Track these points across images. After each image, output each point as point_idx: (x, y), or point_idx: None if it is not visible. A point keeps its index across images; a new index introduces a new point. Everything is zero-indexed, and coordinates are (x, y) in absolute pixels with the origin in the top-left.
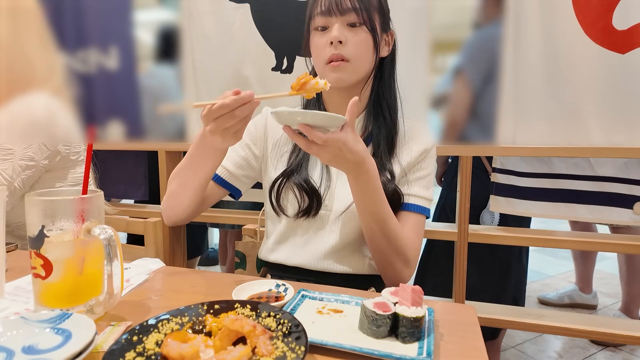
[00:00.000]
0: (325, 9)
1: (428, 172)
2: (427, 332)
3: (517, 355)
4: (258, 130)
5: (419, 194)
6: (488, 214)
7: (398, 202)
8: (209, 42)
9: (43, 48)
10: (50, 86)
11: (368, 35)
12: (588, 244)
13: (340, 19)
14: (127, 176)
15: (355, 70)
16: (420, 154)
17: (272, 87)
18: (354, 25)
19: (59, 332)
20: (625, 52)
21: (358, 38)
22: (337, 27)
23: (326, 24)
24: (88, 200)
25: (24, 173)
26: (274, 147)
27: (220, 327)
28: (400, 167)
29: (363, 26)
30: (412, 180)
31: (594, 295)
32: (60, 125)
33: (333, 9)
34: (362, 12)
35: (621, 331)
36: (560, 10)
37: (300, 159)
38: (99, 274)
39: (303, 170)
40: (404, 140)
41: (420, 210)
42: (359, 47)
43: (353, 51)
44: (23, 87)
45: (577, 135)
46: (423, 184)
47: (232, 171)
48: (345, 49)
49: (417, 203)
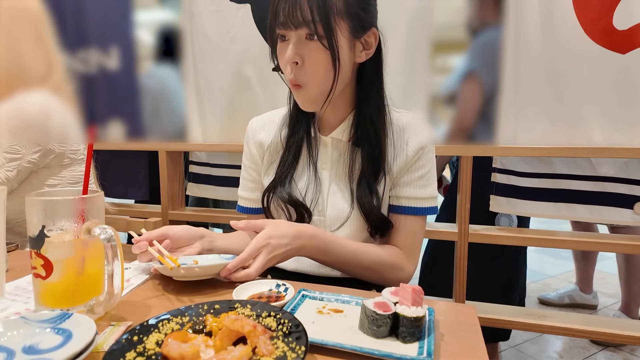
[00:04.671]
0: (281, 21)
1: (425, 171)
2: (427, 332)
3: (517, 355)
4: (251, 148)
5: (413, 195)
6: (505, 217)
7: (386, 226)
8: (210, 42)
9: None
10: (50, 84)
11: (326, 52)
12: (588, 244)
13: (296, 32)
14: (128, 176)
15: (314, 93)
16: (415, 154)
17: (272, 87)
18: (311, 38)
19: (59, 332)
20: (626, 52)
21: (314, 57)
22: (293, 43)
23: (284, 34)
24: (88, 200)
25: (7, 165)
26: (267, 155)
27: (221, 327)
28: (390, 177)
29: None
30: (406, 182)
31: (594, 296)
32: (55, 124)
33: (287, 21)
34: (316, 25)
35: (621, 331)
36: (561, 10)
37: (284, 171)
38: (99, 274)
39: (287, 182)
40: (397, 139)
41: (415, 212)
42: (314, 67)
43: (308, 74)
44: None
45: (578, 135)
46: (420, 184)
47: (252, 198)
48: (301, 72)
49: (411, 205)
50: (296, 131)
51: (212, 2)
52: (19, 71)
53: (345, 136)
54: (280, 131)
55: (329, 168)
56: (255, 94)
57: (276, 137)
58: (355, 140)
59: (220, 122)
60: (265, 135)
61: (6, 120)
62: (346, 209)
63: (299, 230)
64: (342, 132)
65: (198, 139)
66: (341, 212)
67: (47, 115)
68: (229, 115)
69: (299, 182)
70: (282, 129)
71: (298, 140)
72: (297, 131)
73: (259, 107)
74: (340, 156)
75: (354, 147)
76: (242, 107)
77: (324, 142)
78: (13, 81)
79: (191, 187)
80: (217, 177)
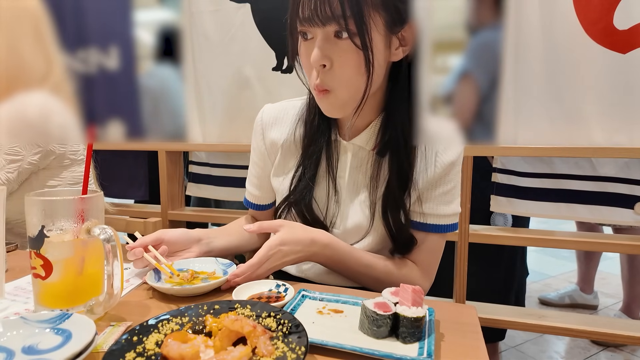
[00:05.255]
0: (305, 16)
1: (452, 186)
2: (427, 332)
3: (517, 356)
4: (259, 145)
5: (436, 211)
6: (500, 216)
7: (411, 245)
8: (210, 42)
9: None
10: (50, 83)
11: (358, 52)
12: (588, 244)
13: (323, 30)
14: (128, 176)
15: (343, 98)
16: (444, 168)
17: (272, 86)
18: (340, 36)
19: (59, 333)
20: (627, 52)
21: (344, 58)
22: (319, 43)
23: (309, 32)
24: (88, 200)
25: (8, 167)
26: (280, 155)
27: (221, 327)
28: (416, 191)
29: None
30: (429, 198)
31: (594, 296)
32: (55, 125)
33: (313, 16)
34: (348, 21)
35: (622, 331)
36: (561, 10)
37: (303, 188)
38: (98, 274)
39: (307, 200)
40: (427, 150)
41: (436, 230)
42: (345, 70)
43: (338, 77)
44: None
45: (578, 135)
46: (444, 200)
47: (255, 195)
48: (329, 76)
49: (433, 222)
50: (317, 139)
51: (212, 1)
52: (19, 71)
53: (369, 144)
54: (294, 129)
55: (346, 177)
56: (255, 93)
57: (290, 135)
58: (380, 149)
59: (220, 122)
60: (278, 134)
61: (6, 121)
62: (364, 223)
63: (314, 237)
64: (366, 139)
65: (198, 139)
66: (358, 226)
67: (47, 116)
68: (228, 115)
69: (317, 194)
70: (296, 126)
71: (318, 151)
72: (318, 140)
73: (258, 107)
74: (361, 166)
75: (379, 157)
76: (241, 107)
77: (344, 148)
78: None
79: (191, 187)
80: (217, 177)
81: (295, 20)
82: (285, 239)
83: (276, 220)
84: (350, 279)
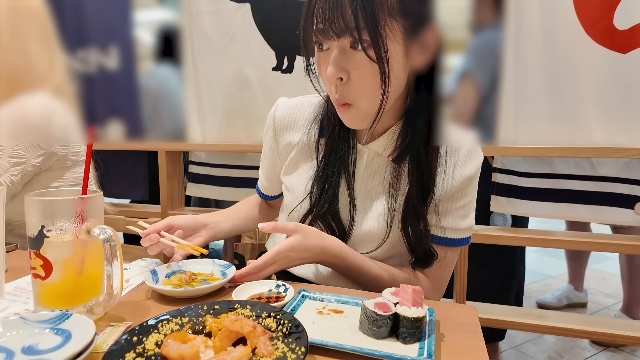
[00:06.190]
0: (320, 29)
1: (469, 200)
2: (427, 332)
3: (517, 356)
4: (270, 143)
5: (451, 225)
6: (500, 216)
7: (431, 259)
8: (210, 41)
9: (45, 46)
10: (52, 84)
11: (375, 63)
12: (588, 244)
13: (338, 42)
14: (127, 176)
15: (365, 110)
16: (462, 182)
17: (272, 86)
18: (357, 47)
19: (58, 333)
20: (627, 52)
21: (362, 70)
22: (335, 55)
23: (324, 43)
24: (88, 201)
25: (12, 169)
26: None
27: (220, 327)
28: (434, 204)
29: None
30: (444, 211)
31: (585, 293)
32: (58, 126)
33: (327, 29)
34: (362, 32)
35: (622, 332)
36: (561, 10)
37: (330, 196)
38: (98, 274)
39: (332, 207)
40: (448, 161)
41: (450, 244)
42: (363, 82)
43: (357, 90)
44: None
45: (579, 135)
46: (460, 214)
47: (265, 186)
48: (348, 89)
49: (447, 236)
50: (338, 147)
51: (212, 1)
52: (24, 72)
53: (387, 150)
54: (311, 128)
55: (359, 183)
56: (255, 93)
57: (305, 135)
58: (397, 157)
59: (219, 122)
60: (293, 135)
61: (8, 122)
62: (379, 232)
63: (325, 246)
64: (383, 145)
65: (198, 139)
66: (372, 235)
67: (49, 118)
68: (228, 115)
69: (340, 209)
70: (314, 126)
71: (340, 159)
72: (340, 148)
73: (258, 107)
74: (376, 174)
75: (396, 165)
76: (241, 107)
77: (360, 152)
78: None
79: (191, 187)
80: (217, 177)
81: (309, 32)
82: (295, 245)
83: (291, 223)
84: (357, 284)
